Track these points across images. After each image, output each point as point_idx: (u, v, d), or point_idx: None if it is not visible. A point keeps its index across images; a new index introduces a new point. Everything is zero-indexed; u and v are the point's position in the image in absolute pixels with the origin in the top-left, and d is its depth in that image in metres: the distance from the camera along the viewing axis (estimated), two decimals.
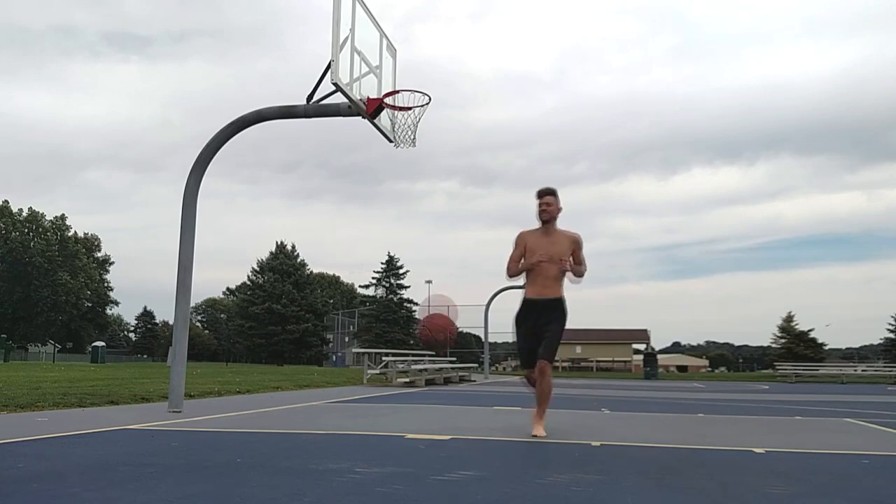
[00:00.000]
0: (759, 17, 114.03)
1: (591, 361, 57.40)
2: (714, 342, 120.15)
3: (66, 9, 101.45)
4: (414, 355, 19.56)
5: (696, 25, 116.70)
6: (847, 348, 75.98)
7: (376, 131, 7.31)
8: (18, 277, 58.93)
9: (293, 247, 63.46)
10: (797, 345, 45.56)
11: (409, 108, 7.13)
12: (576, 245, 5.24)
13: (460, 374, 20.39)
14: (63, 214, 64.50)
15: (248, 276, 63.58)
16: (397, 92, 7.28)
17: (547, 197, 5.24)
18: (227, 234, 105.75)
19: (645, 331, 64.55)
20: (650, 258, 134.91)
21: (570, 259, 5.25)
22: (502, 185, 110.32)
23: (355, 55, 6.86)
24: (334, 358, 53.24)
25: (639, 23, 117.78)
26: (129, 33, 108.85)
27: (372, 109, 7.00)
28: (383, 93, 7.30)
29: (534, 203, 5.30)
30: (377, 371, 16.18)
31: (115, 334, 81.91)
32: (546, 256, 5.14)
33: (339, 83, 6.52)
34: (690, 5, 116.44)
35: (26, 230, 62.10)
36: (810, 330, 47.57)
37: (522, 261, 5.30)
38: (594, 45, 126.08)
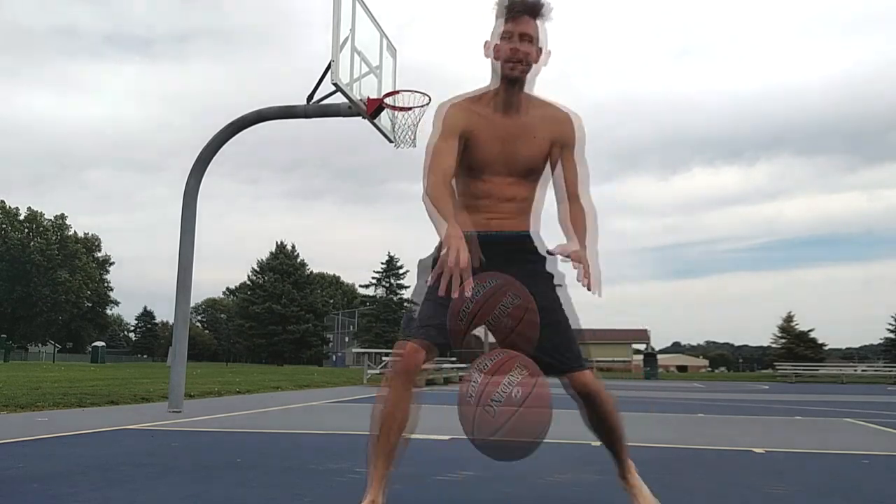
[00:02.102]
0: (759, 18, 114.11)
1: (591, 361, 57.34)
2: (714, 342, 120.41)
3: (68, 10, 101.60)
4: None
5: (696, 27, 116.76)
6: (847, 348, 76.24)
7: (377, 131, 7.31)
8: (18, 277, 58.90)
9: (293, 247, 63.48)
10: (797, 345, 45.53)
11: (410, 109, 7.13)
12: (569, 134, 2.37)
13: (460, 374, 20.40)
14: (63, 214, 64.54)
15: (248, 276, 63.62)
16: (397, 92, 7.28)
17: (524, 21, 2.24)
18: (227, 234, 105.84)
19: (645, 331, 64.58)
20: (650, 258, 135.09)
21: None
22: None
23: (355, 55, 6.86)
24: (334, 358, 53.23)
25: (639, 24, 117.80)
26: (130, 34, 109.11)
27: (372, 110, 7.00)
28: (383, 93, 7.30)
29: (487, 36, 2.31)
30: (377, 371, 16.20)
31: (115, 334, 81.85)
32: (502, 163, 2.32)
33: (339, 83, 6.52)
34: (691, 7, 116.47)
35: (26, 230, 62.08)
36: (810, 330, 47.60)
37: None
38: (595, 46, 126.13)
